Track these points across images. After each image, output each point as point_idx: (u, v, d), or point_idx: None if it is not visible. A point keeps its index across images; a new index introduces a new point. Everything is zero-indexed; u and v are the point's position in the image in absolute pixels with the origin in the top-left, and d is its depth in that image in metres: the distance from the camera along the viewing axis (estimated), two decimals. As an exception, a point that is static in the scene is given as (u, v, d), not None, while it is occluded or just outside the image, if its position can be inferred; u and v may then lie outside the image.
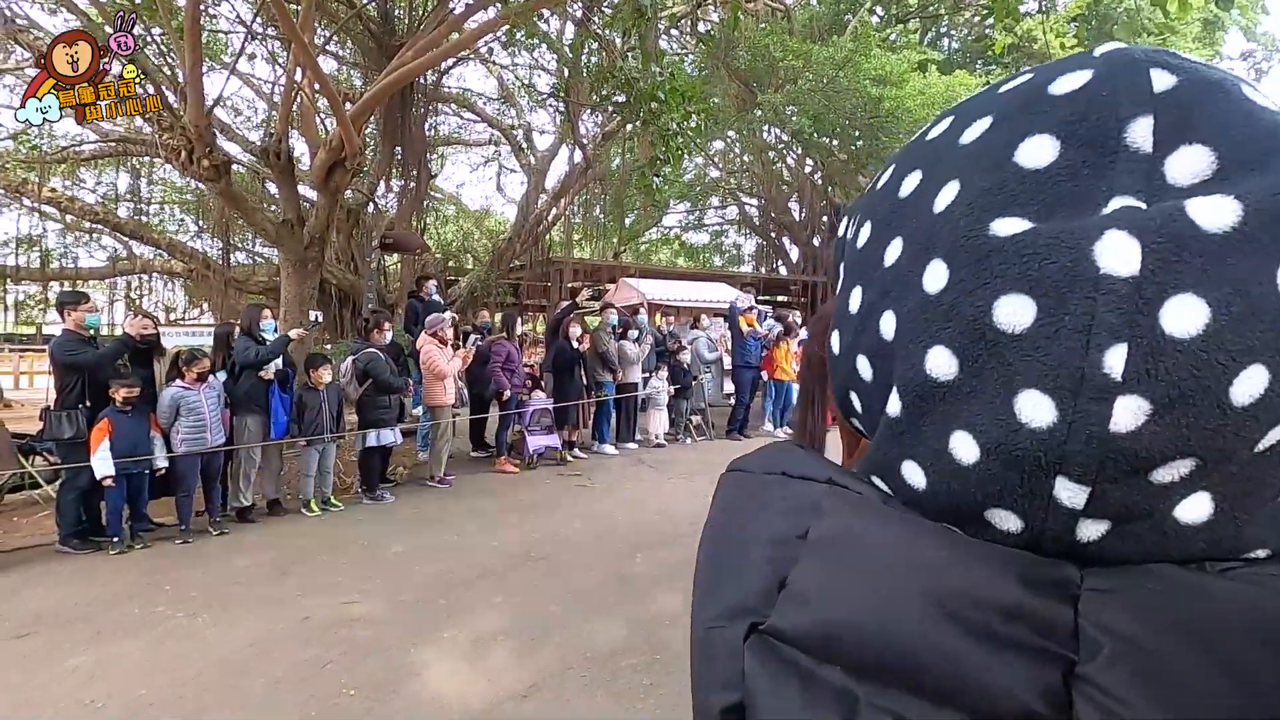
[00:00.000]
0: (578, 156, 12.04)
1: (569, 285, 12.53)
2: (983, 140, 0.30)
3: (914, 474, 0.30)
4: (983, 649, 0.25)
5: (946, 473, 0.28)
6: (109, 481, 4.49)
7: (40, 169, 10.23)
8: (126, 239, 12.00)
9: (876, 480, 0.33)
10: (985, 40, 14.36)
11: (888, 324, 0.31)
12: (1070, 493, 0.25)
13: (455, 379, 6.68)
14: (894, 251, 0.31)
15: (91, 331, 4.87)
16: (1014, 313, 0.25)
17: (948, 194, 0.29)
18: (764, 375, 9.28)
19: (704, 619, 0.33)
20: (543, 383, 7.80)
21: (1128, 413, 0.24)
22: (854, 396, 0.36)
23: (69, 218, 11.24)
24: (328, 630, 3.52)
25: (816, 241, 17.40)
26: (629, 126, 9.08)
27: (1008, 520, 0.27)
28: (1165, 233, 0.24)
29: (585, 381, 7.81)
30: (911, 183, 0.32)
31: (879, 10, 14.81)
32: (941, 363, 0.28)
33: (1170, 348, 0.23)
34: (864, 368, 0.34)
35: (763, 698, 0.28)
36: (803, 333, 9.92)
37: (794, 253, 18.98)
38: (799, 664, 0.28)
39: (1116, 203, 0.25)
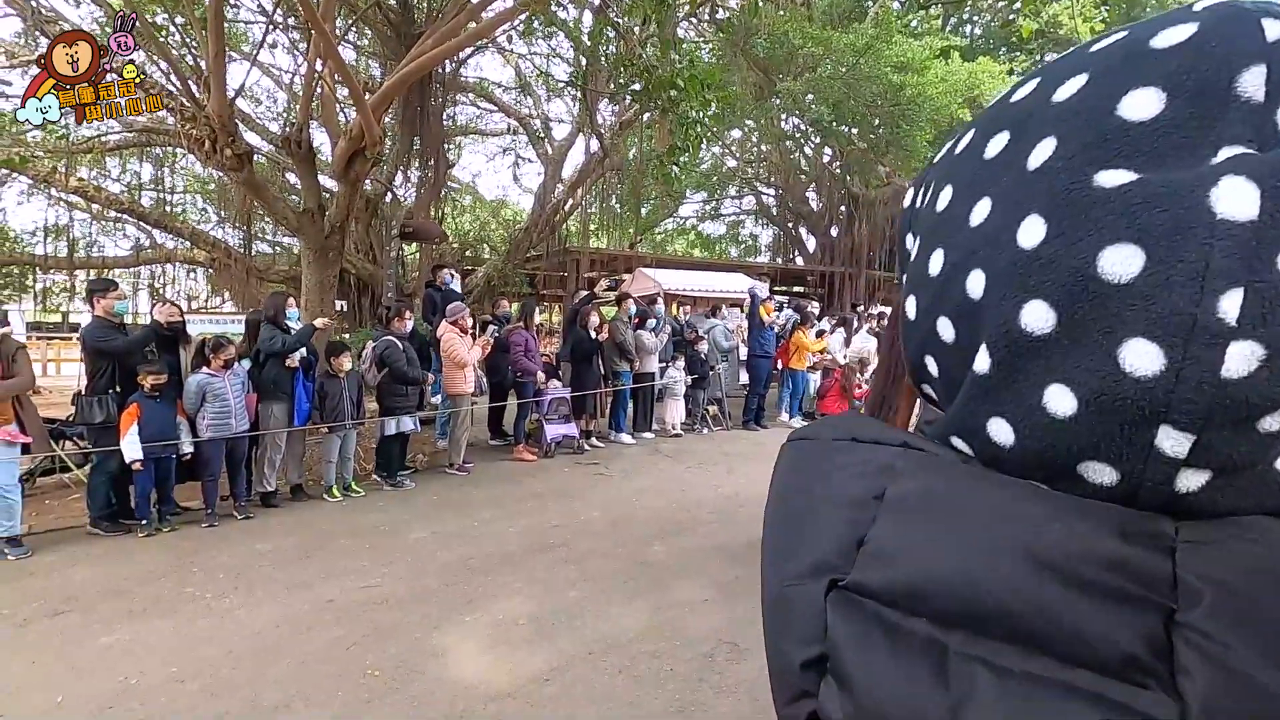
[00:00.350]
0: (594, 146, 12.02)
1: (586, 275, 12.53)
2: (1080, 96, 0.29)
3: (1001, 431, 0.30)
4: (1082, 599, 0.25)
5: (1039, 427, 0.28)
6: (138, 465, 4.59)
7: (68, 159, 10.39)
8: (150, 228, 12.19)
9: (956, 441, 0.33)
10: (1010, 26, 14.10)
11: (975, 283, 0.31)
12: (1173, 442, 0.25)
13: (475, 367, 6.73)
14: (981, 211, 0.31)
15: (119, 318, 4.97)
16: (1120, 262, 0.25)
17: (1043, 151, 0.29)
18: (779, 365, 9.24)
19: (779, 579, 0.33)
20: (560, 372, 7.84)
21: (1240, 358, 0.24)
22: (930, 360, 0.36)
23: (95, 207, 11.44)
24: (351, 612, 3.58)
25: (834, 232, 17.25)
26: (646, 115, 9.04)
27: (1102, 473, 0.27)
28: None
29: (602, 371, 7.84)
30: (998, 144, 0.32)
31: (900, -5, 14.57)
32: (1038, 316, 0.28)
33: None
34: (945, 329, 0.34)
35: (848, 650, 0.29)
36: (821, 323, 9.85)
37: (810, 243, 18.84)
38: (883, 617, 0.28)
39: (1227, 152, 0.25)
